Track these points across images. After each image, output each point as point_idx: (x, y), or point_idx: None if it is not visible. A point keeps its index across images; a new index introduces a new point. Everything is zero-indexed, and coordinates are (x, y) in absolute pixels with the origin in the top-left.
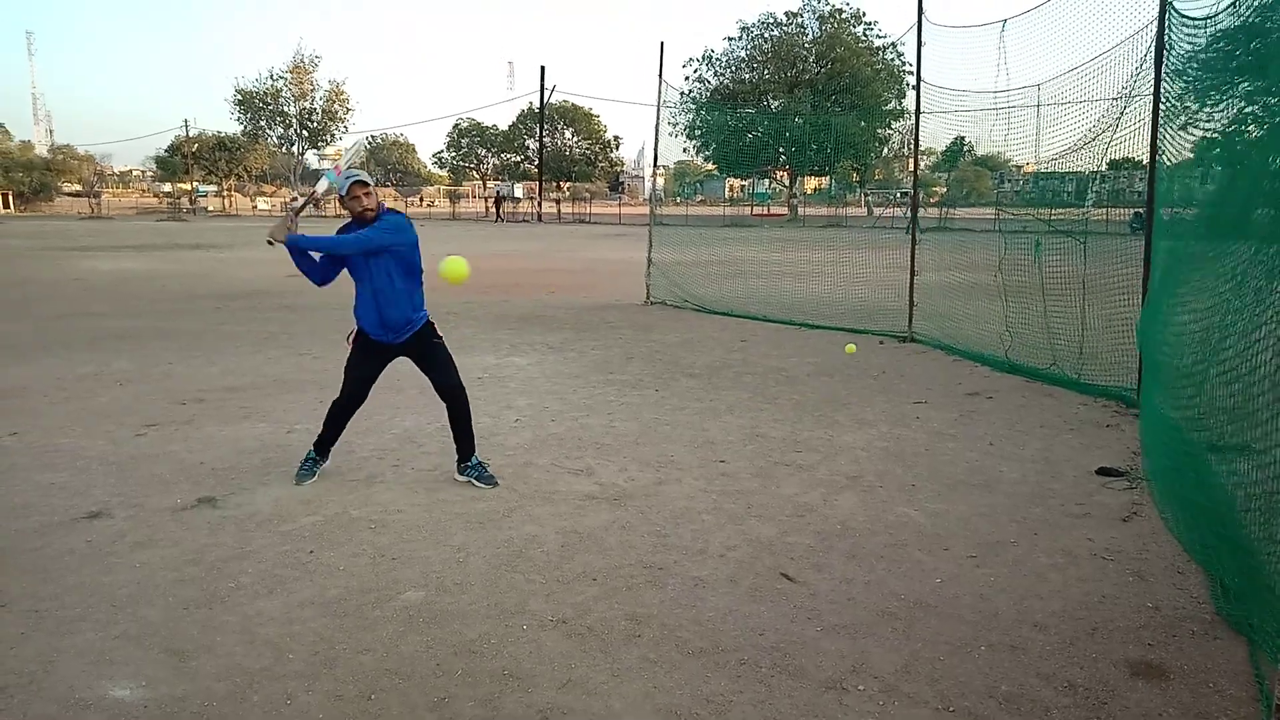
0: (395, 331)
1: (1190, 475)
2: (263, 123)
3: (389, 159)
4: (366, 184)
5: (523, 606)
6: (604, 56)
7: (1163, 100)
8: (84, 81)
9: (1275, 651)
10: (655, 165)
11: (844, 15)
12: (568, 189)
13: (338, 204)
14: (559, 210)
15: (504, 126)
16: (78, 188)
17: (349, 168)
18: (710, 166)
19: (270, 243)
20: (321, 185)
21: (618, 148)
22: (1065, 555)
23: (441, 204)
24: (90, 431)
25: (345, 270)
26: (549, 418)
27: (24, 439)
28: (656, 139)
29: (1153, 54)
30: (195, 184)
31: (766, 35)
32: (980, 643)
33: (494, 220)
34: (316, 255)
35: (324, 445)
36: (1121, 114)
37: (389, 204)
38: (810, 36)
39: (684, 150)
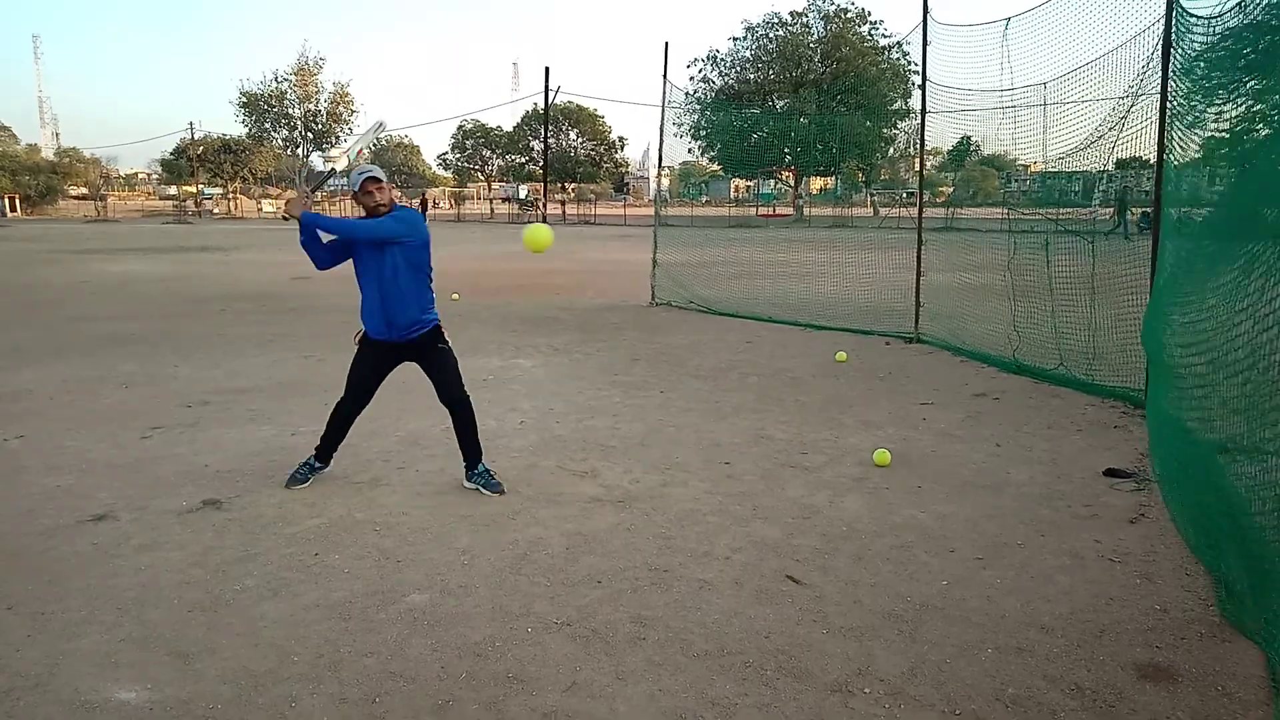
0: (401, 330)
1: (1199, 477)
2: (267, 125)
3: (394, 160)
4: (379, 179)
5: (527, 609)
6: (608, 57)
7: (1170, 99)
8: (90, 85)
9: None
10: (660, 166)
11: (849, 15)
12: (573, 190)
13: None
14: (564, 211)
15: (508, 128)
16: (84, 191)
17: (359, 161)
18: (715, 167)
19: (285, 218)
20: (340, 161)
21: (622, 149)
22: (1072, 557)
23: (446, 205)
24: (96, 434)
25: (352, 267)
26: (554, 420)
27: (30, 442)
28: (661, 139)
29: (1159, 52)
30: (200, 187)
31: (771, 35)
32: (987, 645)
33: None
34: (325, 238)
35: (325, 451)
36: (1128, 113)
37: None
38: (815, 36)
39: (689, 151)
